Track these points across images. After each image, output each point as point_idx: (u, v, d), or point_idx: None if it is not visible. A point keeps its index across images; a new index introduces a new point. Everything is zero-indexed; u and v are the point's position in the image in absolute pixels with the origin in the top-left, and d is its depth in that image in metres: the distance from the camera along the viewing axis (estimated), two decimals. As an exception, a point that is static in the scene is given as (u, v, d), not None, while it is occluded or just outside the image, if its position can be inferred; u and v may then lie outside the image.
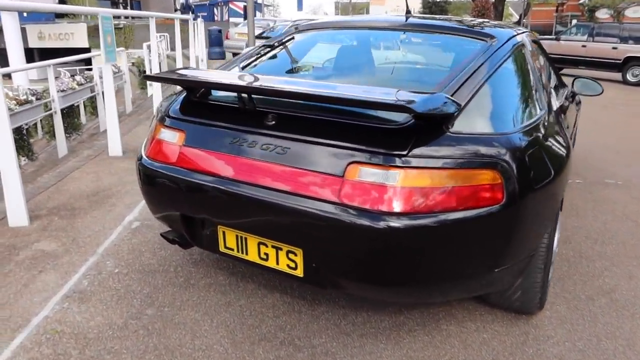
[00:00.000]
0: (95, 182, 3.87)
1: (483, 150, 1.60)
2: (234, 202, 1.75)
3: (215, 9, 24.56)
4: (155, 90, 6.35)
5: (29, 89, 5.84)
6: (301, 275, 1.77)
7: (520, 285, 2.00)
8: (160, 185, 1.95)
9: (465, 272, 1.69)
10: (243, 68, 2.29)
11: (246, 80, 1.88)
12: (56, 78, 6.09)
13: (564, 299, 2.39)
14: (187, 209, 1.93)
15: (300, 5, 37.11)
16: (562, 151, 2.03)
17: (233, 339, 2.00)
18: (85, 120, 8.23)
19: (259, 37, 10.41)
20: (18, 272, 2.49)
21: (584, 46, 15.15)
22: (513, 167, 1.63)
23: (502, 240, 1.67)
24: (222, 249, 1.94)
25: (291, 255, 1.76)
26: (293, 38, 2.58)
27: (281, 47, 2.50)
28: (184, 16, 9.99)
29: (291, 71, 2.34)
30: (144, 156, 2.04)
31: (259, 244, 1.83)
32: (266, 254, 1.83)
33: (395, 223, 1.50)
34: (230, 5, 24.40)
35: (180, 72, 2.02)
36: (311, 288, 2.27)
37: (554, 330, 2.14)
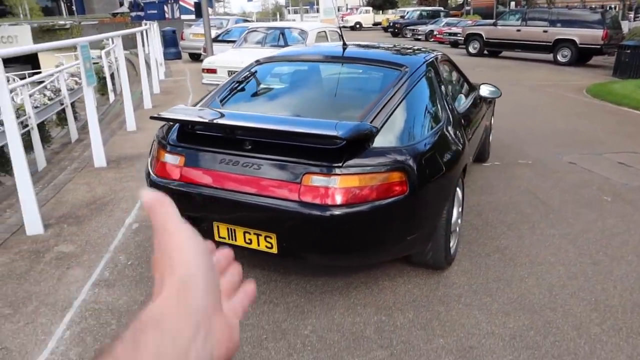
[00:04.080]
0: (90, 192, 4.49)
1: (392, 158, 2.40)
2: (225, 206, 2.50)
3: (165, 7, 24.60)
4: (126, 98, 6.90)
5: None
6: (276, 252, 2.54)
7: (431, 248, 2.84)
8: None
9: (387, 240, 2.50)
10: (221, 101, 3.01)
11: (222, 118, 2.61)
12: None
13: (469, 257, 3.26)
14: (190, 212, 2.66)
15: (250, -4, 37.20)
16: (453, 150, 2.86)
17: (229, 302, 2.75)
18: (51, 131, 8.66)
19: (215, 40, 10.95)
20: (49, 270, 3.15)
21: (518, 30, 16.33)
22: (413, 168, 2.44)
23: (409, 217, 2.49)
24: (217, 238, 2.68)
25: (268, 239, 2.52)
26: (256, 71, 3.32)
27: (247, 80, 3.24)
28: (139, 28, 10.40)
29: (259, 100, 3.08)
30: (152, 174, 2.74)
31: (244, 232, 2.58)
32: (250, 240, 2.58)
33: (336, 211, 2.29)
34: (181, 2, 24.46)
35: (178, 111, 2.72)
36: (283, 261, 3.03)
37: (458, 278, 3.00)
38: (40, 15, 52.26)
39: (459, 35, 19.69)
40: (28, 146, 6.83)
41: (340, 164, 2.32)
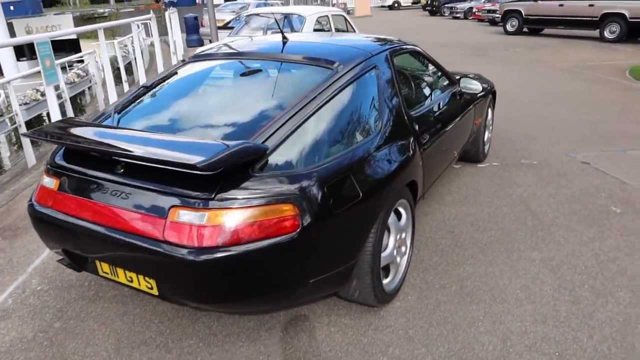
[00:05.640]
0: (43, 198, 4.25)
1: (281, 187, 1.93)
2: (94, 241, 2.12)
3: (196, -9, 24.49)
4: (110, 93, 6.67)
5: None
6: (157, 294, 2.14)
7: (357, 286, 2.37)
8: (44, 226, 2.32)
9: (281, 286, 2.05)
10: (119, 111, 2.62)
11: (89, 135, 2.21)
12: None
13: (419, 289, 2.75)
14: (67, 246, 2.30)
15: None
16: (385, 169, 2.36)
17: (118, 345, 2.40)
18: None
19: (225, 27, 10.59)
20: (-44, 295, 2.90)
21: (561, 5, 15.11)
22: (309, 198, 1.97)
23: (305, 258, 2.02)
24: (101, 273, 2.31)
25: (147, 279, 2.13)
26: (174, 73, 2.91)
27: (157, 85, 2.83)
28: (145, 16, 10.19)
29: (155, 111, 2.67)
30: (33, 199, 2.40)
31: (124, 269, 2.19)
32: (130, 278, 2.19)
33: (203, 256, 1.86)
34: (211, -13, 24.18)
35: (55, 126, 2.36)
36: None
37: (395, 319, 2.51)
38: (87, 3, 53.84)
39: (497, 12, 18.44)
40: (17, 143, 6.76)
41: (212, 196, 1.88)
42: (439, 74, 3.62)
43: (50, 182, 2.31)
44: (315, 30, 7.59)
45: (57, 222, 2.24)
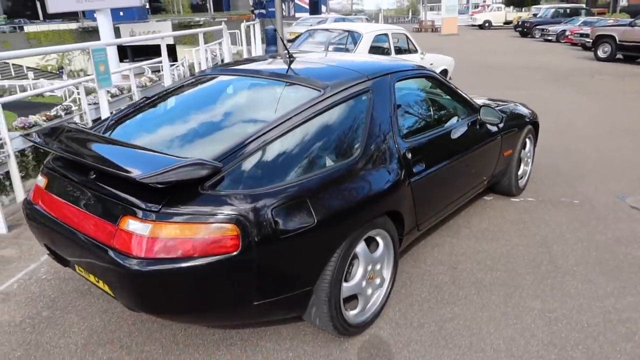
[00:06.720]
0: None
1: (225, 207, 1.94)
2: (65, 240, 2.25)
3: (282, 4, 25.35)
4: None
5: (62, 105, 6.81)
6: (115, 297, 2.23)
7: (316, 313, 2.32)
8: (31, 221, 2.50)
9: (220, 304, 2.05)
10: (117, 120, 2.77)
11: (69, 141, 2.36)
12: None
13: (395, 325, 2.63)
14: (46, 241, 2.46)
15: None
16: (348, 199, 2.27)
17: (88, 340, 2.52)
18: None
19: (292, 40, 10.85)
20: (-25, 274, 3.20)
21: (661, 32, 13.83)
22: (253, 221, 1.96)
23: (248, 280, 2.01)
24: (78, 271, 2.44)
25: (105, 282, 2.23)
26: (180, 87, 3.03)
27: (158, 97, 2.96)
28: (215, 28, 10.70)
29: (143, 123, 2.79)
30: (29, 195, 2.60)
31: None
32: (97, 279, 2.31)
33: (142, 266, 1.90)
34: (296, 0, 25.13)
35: (47, 129, 2.55)
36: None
37: (356, 354, 2.42)
38: (189, 12, 57.88)
39: (589, 37, 17.27)
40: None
41: (158, 209, 1.93)
42: (457, 101, 3.45)
43: (41, 181, 2.49)
44: (372, 47, 7.56)
45: (40, 220, 2.40)
